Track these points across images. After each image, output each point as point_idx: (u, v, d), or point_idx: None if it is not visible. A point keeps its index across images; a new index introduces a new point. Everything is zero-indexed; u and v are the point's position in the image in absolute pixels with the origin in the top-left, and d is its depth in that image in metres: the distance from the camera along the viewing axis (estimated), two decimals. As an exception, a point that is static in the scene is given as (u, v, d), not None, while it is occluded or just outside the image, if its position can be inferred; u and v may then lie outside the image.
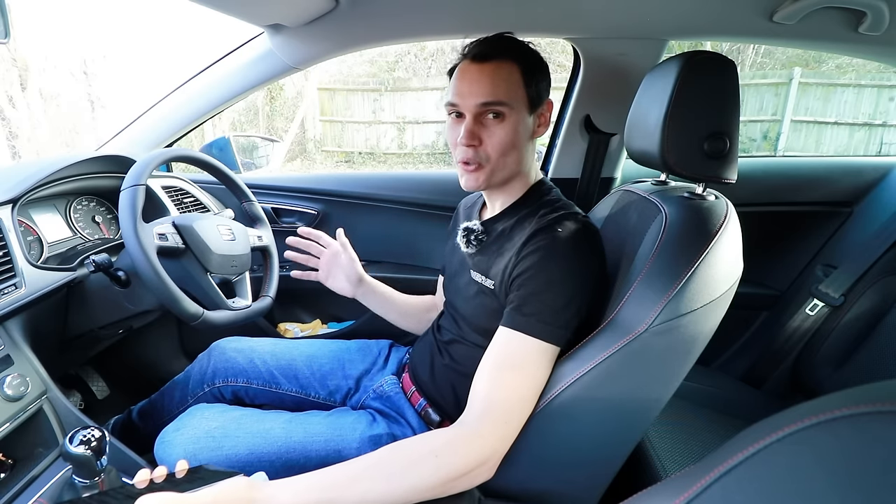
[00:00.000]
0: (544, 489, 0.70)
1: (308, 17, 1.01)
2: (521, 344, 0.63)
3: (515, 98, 0.68)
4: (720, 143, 0.66)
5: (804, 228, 1.44)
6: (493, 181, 0.72)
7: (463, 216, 0.89)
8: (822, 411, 0.24)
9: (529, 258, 0.65)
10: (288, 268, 1.47)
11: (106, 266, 0.88)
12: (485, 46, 0.68)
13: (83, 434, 0.58)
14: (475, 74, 0.67)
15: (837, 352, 1.18)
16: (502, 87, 0.67)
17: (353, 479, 0.54)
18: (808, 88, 5.89)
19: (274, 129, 6.94)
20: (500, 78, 0.67)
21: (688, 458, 0.92)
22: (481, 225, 0.78)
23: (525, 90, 0.68)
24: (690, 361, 0.64)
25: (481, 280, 0.74)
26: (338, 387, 0.91)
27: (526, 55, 0.69)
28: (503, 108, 0.67)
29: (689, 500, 0.27)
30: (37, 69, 5.49)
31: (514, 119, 0.68)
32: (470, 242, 0.77)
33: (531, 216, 0.72)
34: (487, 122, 0.69)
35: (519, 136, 0.70)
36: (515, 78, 0.68)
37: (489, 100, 0.67)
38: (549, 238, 0.65)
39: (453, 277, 0.84)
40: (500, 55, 0.67)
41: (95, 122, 6.02)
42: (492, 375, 0.63)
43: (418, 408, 0.81)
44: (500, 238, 0.74)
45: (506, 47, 0.68)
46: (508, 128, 0.68)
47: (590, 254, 0.68)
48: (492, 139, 0.69)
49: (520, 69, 0.68)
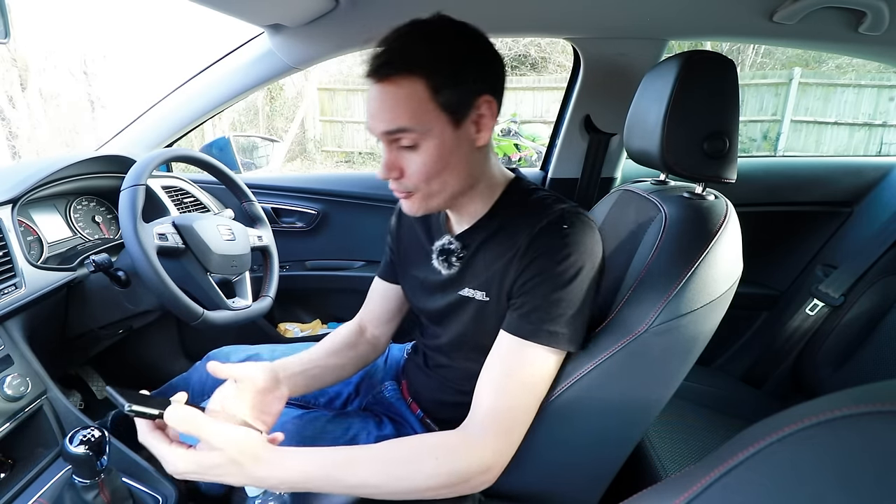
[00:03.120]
0: (544, 489, 0.70)
1: (308, 17, 1.01)
2: (530, 353, 0.59)
3: (424, 120, 0.56)
4: (720, 142, 0.65)
5: (804, 228, 1.44)
6: (433, 205, 0.64)
7: (419, 225, 0.77)
8: (822, 411, 0.24)
9: (538, 262, 0.60)
10: (288, 268, 1.47)
11: (106, 266, 0.88)
12: (379, 59, 0.56)
13: (83, 434, 0.58)
14: (374, 95, 0.57)
15: (837, 352, 1.18)
16: (403, 112, 0.56)
17: (355, 462, 0.55)
18: (808, 88, 5.90)
19: (274, 129, 6.94)
20: (399, 100, 0.55)
21: (688, 458, 0.92)
22: (456, 240, 0.69)
23: (437, 105, 0.56)
24: (690, 361, 0.64)
25: (473, 295, 0.67)
26: (338, 393, 0.90)
27: (432, 60, 0.56)
28: (408, 135, 0.57)
29: (689, 500, 0.27)
30: (37, 69, 5.49)
31: (432, 143, 0.57)
32: (451, 264, 0.69)
33: (523, 217, 0.64)
34: (403, 150, 0.59)
35: (445, 159, 0.59)
36: (419, 96, 0.55)
37: (389, 128, 0.57)
38: (558, 237, 0.60)
39: (431, 297, 0.74)
40: (397, 70, 0.55)
41: (95, 122, 6.02)
42: (498, 384, 0.60)
43: (418, 416, 0.81)
44: (483, 248, 0.67)
45: (403, 57, 0.55)
46: (426, 155, 0.58)
47: (597, 247, 0.62)
48: (411, 168, 0.59)
49: (425, 82, 0.55)
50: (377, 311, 0.86)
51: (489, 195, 0.68)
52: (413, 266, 0.78)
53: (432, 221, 0.75)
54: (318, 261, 1.49)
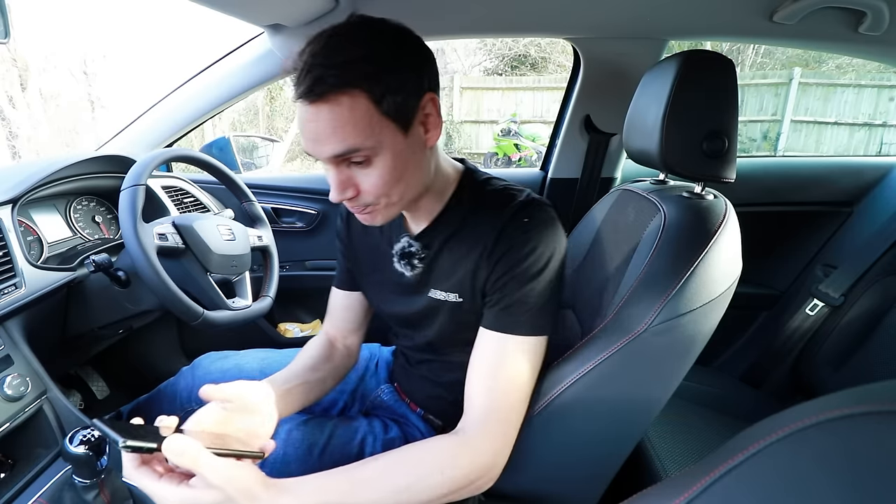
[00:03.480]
0: (544, 489, 0.70)
1: (308, 17, 1.01)
2: (513, 345, 0.60)
3: (373, 134, 0.52)
4: (719, 142, 0.65)
5: (804, 228, 1.44)
6: (393, 214, 0.62)
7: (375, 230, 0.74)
8: (822, 411, 0.24)
9: (508, 257, 0.60)
10: (288, 268, 1.47)
11: (106, 266, 0.88)
12: (309, 82, 0.50)
13: (83, 434, 0.58)
14: (311, 119, 0.52)
15: (837, 352, 1.18)
16: (349, 132, 0.51)
17: (359, 488, 0.53)
18: (808, 88, 5.90)
19: (274, 129, 6.94)
20: (343, 120, 0.51)
21: (688, 458, 0.92)
22: (415, 240, 0.68)
23: (383, 115, 0.52)
24: (690, 361, 0.64)
25: (445, 297, 0.66)
26: (334, 401, 0.89)
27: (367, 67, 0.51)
28: (359, 153, 0.53)
29: (689, 500, 0.27)
30: (37, 69, 5.50)
31: (384, 155, 0.54)
32: (414, 266, 0.68)
33: (483, 211, 0.63)
34: (354, 167, 0.55)
35: (401, 167, 0.56)
36: (363, 111, 0.51)
37: (338, 152, 0.53)
38: (521, 233, 0.60)
39: (399, 301, 0.73)
40: (334, 87, 0.50)
41: (95, 122, 6.03)
42: (488, 382, 0.60)
43: (419, 413, 0.81)
44: (448, 246, 0.66)
45: (335, 72, 0.50)
46: (381, 168, 0.55)
47: (560, 236, 0.63)
48: (367, 184, 0.56)
49: (366, 94, 0.50)
50: (343, 323, 0.83)
51: (443, 190, 0.66)
52: (373, 271, 0.76)
53: (387, 225, 0.71)
54: (318, 261, 1.49)
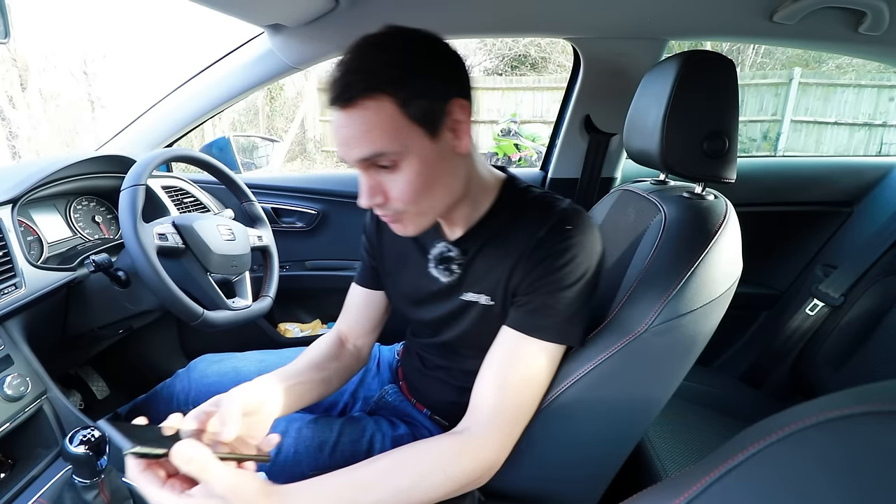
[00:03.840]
0: (545, 489, 0.70)
1: (308, 17, 1.01)
2: (531, 348, 0.60)
3: (399, 138, 0.53)
4: (719, 142, 0.65)
5: (804, 228, 1.44)
6: (425, 223, 0.62)
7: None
8: (822, 411, 0.24)
9: (546, 264, 0.60)
10: (288, 268, 1.47)
11: (106, 266, 0.88)
12: (339, 87, 0.53)
13: (83, 434, 0.58)
14: (342, 124, 0.54)
15: (837, 352, 1.18)
16: (376, 136, 0.53)
17: (361, 489, 0.53)
18: (808, 88, 5.90)
19: (274, 129, 6.94)
20: (370, 125, 0.53)
21: (688, 458, 0.92)
22: (454, 245, 0.68)
23: (409, 120, 0.53)
24: (690, 361, 0.64)
25: (477, 299, 0.67)
26: (335, 402, 0.88)
27: (395, 73, 0.53)
28: (386, 157, 0.54)
29: (689, 500, 0.27)
30: (37, 69, 5.49)
31: (412, 160, 0.55)
32: (452, 272, 0.68)
33: (523, 218, 0.64)
34: (383, 172, 0.56)
35: (429, 173, 0.56)
36: (389, 115, 0.52)
37: (364, 154, 0.54)
38: (563, 238, 0.60)
39: (426, 307, 0.73)
40: (361, 92, 0.52)
41: (95, 122, 6.03)
42: (501, 381, 0.60)
43: (426, 414, 0.81)
44: (485, 250, 0.66)
45: (363, 77, 0.52)
46: (408, 173, 0.55)
47: (599, 250, 0.62)
48: (395, 190, 0.57)
49: (393, 100, 0.52)
50: (358, 322, 0.81)
51: (482, 199, 0.66)
52: (403, 276, 0.75)
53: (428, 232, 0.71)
54: (318, 261, 1.49)
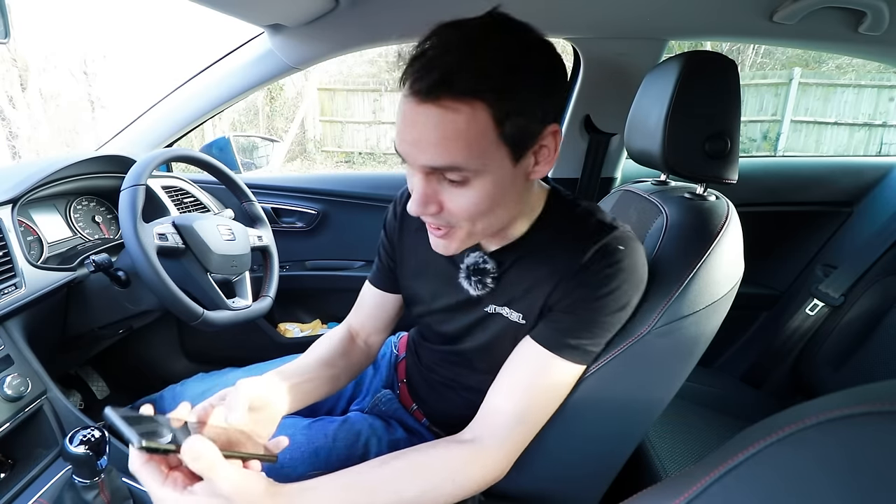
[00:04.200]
0: (545, 489, 0.70)
1: (308, 17, 1.01)
2: (557, 366, 0.58)
3: (482, 156, 0.46)
4: (721, 143, 0.65)
5: (804, 228, 1.44)
6: (471, 243, 0.57)
7: None
8: (822, 411, 0.24)
9: (591, 286, 0.55)
10: (288, 268, 1.47)
11: (106, 266, 0.88)
12: (429, 72, 0.44)
13: (83, 434, 0.58)
14: (418, 120, 0.46)
15: (837, 352, 1.18)
16: (458, 147, 0.45)
17: (367, 493, 0.52)
18: (808, 88, 5.89)
19: (274, 129, 6.93)
20: (455, 133, 0.45)
21: (688, 458, 0.92)
22: (490, 258, 0.62)
23: (500, 138, 0.46)
24: (693, 363, 0.64)
25: (507, 314, 0.62)
26: (330, 410, 0.88)
27: (501, 77, 0.44)
28: (460, 172, 0.47)
29: (689, 500, 0.27)
30: (37, 69, 5.49)
31: (486, 180, 0.48)
32: (486, 285, 0.62)
33: (570, 234, 0.58)
34: (446, 184, 0.50)
35: (498, 197, 0.50)
36: (480, 126, 0.45)
37: (437, 165, 0.47)
38: (612, 266, 0.55)
39: (451, 318, 0.68)
40: (458, 92, 0.43)
41: (95, 122, 6.03)
42: (520, 396, 0.58)
43: (424, 424, 0.80)
44: (521, 263, 0.61)
45: (466, 74, 0.43)
46: (476, 193, 0.49)
47: (646, 278, 0.59)
48: (455, 205, 0.50)
49: (489, 108, 0.44)
50: (370, 321, 0.79)
51: (529, 216, 0.61)
52: (424, 283, 0.70)
53: None
54: (318, 261, 1.49)
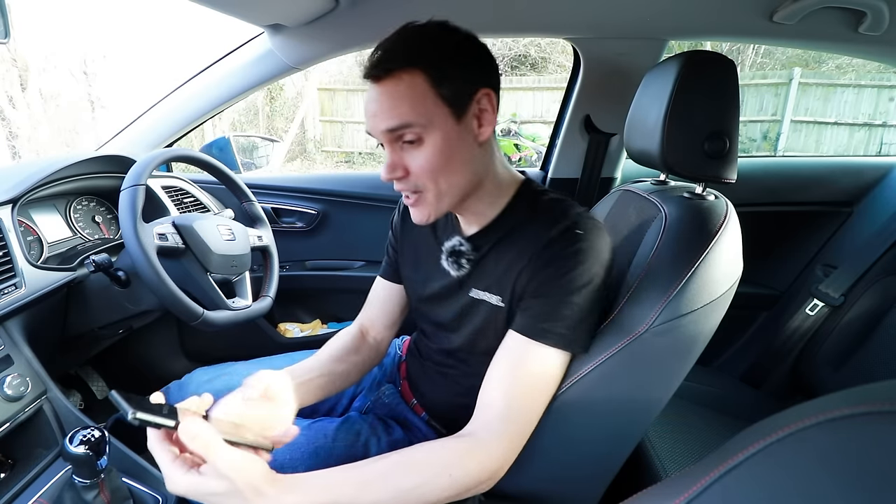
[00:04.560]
0: (545, 489, 0.70)
1: (308, 17, 1.01)
2: (537, 353, 0.60)
3: (427, 113, 0.57)
4: (720, 142, 0.65)
5: (804, 228, 1.44)
6: (442, 208, 0.63)
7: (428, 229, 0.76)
8: (822, 411, 0.24)
9: (552, 267, 0.60)
10: (288, 268, 1.47)
11: (106, 266, 0.88)
12: (376, 61, 0.57)
13: (83, 434, 0.58)
14: (373, 96, 0.58)
15: (837, 352, 1.18)
16: (406, 106, 0.56)
17: (365, 489, 0.52)
18: (808, 88, 5.90)
19: (274, 129, 6.94)
20: (401, 94, 0.56)
21: (688, 458, 0.92)
22: (467, 241, 0.69)
23: (439, 98, 0.57)
24: (691, 361, 0.64)
25: (487, 297, 0.67)
26: (332, 407, 0.88)
27: (430, 52, 0.57)
28: (412, 130, 0.57)
29: (689, 500, 0.27)
30: (37, 69, 5.49)
31: (435, 136, 0.58)
32: (461, 266, 0.69)
33: (534, 220, 0.64)
34: (406, 147, 0.59)
35: (450, 152, 0.59)
36: (420, 89, 0.56)
37: (391, 125, 0.57)
38: (572, 243, 0.60)
39: (437, 301, 0.74)
40: (396, 64, 0.56)
41: (95, 122, 6.03)
42: (508, 386, 0.60)
43: (423, 418, 0.80)
44: (496, 249, 0.67)
45: (401, 54, 0.56)
46: (430, 149, 0.58)
47: (608, 257, 0.63)
48: (415, 165, 0.59)
49: (424, 74, 0.56)
50: (380, 315, 0.84)
51: (498, 196, 0.67)
52: (418, 268, 0.77)
53: (440, 223, 0.75)
54: (318, 261, 1.49)
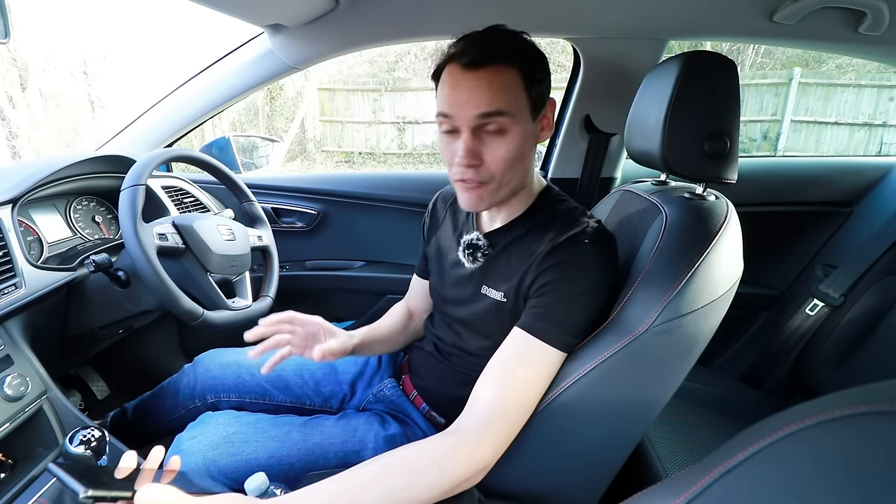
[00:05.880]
0: (544, 489, 0.70)
1: (308, 17, 1.01)
2: (537, 349, 0.62)
3: (517, 106, 0.61)
4: (720, 143, 0.66)
5: (804, 228, 1.44)
6: (496, 199, 0.67)
7: (449, 221, 0.83)
8: (822, 411, 0.24)
9: (555, 270, 0.63)
10: (288, 268, 1.47)
11: (106, 266, 0.88)
12: (478, 51, 0.60)
13: (83, 434, 0.58)
14: (470, 83, 0.60)
15: (837, 352, 1.18)
16: (503, 96, 0.60)
17: (358, 492, 0.53)
18: (808, 88, 5.89)
19: (274, 129, 6.93)
20: (499, 86, 0.60)
21: (688, 458, 0.92)
22: (484, 237, 0.73)
23: (527, 95, 0.62)
24: (691, 361, 0.64)
25: (493, 294, 0.71)
26: (333, 392, 0.90)
27: (524, 55, 0.62)
28: (505, 118, 0.60)
29: (689, 500, 0.27)
30: (37, 69, 5.49)
31: (519, 129, 0.62)
32: (476, 259, 0.73)
33: (547, 226, 0.68)
34: (487, 137, 0.62)
35: (524, 148, 0.63)
36: (516, 83, 0.60)
37: (489, 110, 0.60)
38: (576, 250, 0.63)
39: (451, 288, 0.79)
40: (497, 59, 0.60)
41: (95, 122, 6.03)
42: (501, 380, 0.62)
43: (422, 410, 0.81)
44: (508, 249, 0.71)
45: (502, 50, 0.60)
46: (512, 141, 0.62)
47: (612, 265, 0.66)
48: (494, 155, 0.62)
49: (520, 72, 0.60)
50: (419, 303, 0.94)
51: (526, 199, 0.72)
52: (440, 257, 0.83)
53: (462, 218, 0.80)
54: (318, 261, 1.49)
